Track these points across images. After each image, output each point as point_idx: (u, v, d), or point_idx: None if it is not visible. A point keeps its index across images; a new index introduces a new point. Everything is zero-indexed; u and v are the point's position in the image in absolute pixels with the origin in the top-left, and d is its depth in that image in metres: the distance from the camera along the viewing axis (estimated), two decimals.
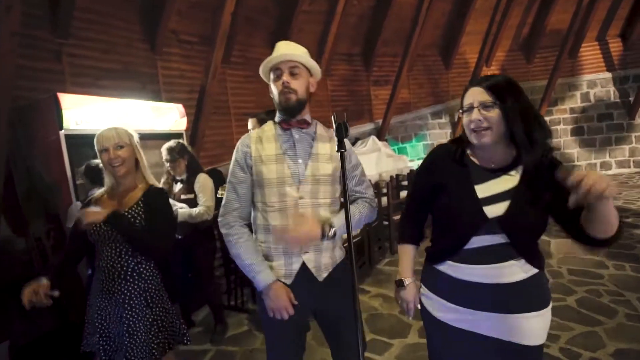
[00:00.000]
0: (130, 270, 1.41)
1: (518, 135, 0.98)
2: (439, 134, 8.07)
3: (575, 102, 8.13)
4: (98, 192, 1.52)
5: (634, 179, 7.13)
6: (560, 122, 8.22)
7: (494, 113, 0.98)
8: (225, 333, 2.82)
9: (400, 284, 1.21)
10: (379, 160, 5.79)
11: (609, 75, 7.93)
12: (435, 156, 1.16)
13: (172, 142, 2.48)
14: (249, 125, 2.43)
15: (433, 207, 1.13)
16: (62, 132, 2.39)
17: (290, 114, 1.28)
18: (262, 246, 1.31)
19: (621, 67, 7.86)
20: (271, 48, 1.31)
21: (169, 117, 3.31)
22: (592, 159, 8.14)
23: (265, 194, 1.27)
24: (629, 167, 7.97)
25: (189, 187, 2.51)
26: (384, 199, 4.41)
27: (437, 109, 8.04)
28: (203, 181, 2.53)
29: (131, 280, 1.41)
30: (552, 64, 7.66)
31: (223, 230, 1.29)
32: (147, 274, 1.45)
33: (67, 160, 2.40)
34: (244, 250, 1.25)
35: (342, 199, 1.29)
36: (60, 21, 3.36)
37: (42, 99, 2.53)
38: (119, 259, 1.40)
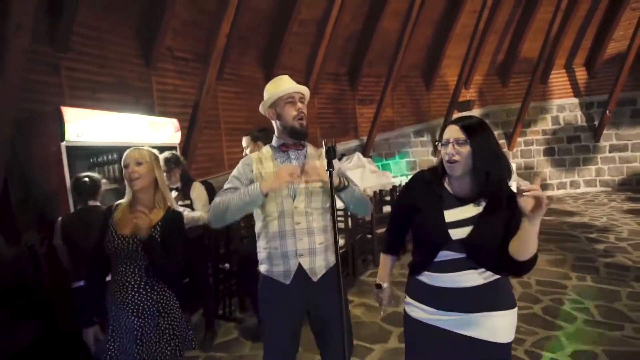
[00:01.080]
0: (143, 283, 1.48)
1: (477, 170, 1.16)
2: (421, 152, 8.43)
3: (547, 124, 8.68)
4: (118, 203, 1.58)
5: (599, 198, 7.62)
6: (533, 142, 8.73)
7: (465, 149, 1.16)
8: (214, 340, 2.92)
9: (378, 287, 1.43)
10: (364, 176, 6.02)
11: (576, 100, 8.54)
12: (415, 181, 1.37)
13: (167, 154, 2.64)
14: (244, 143, 2.62)
15: (411, 224, 1.32)
16: (63, 144, 2.50)
17: (301, 137, 1.49)
18: (264, 251, 1.49)
19: (587, 94, 8.49)
20: (262, 67, 1.54)
21: (164, 131, 3.45)
22: (562, 177, 8.65)
23: (266, 204, 1.45)
24: (596, 186, 8.50)
25: (185, 194, 2.68)
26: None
27: (419, 128, 8.42)
28: (199, 189, 2.75)
29: (144, 292, 1.48)
30: (525, 88, 8.21)
31: (211, 217, 1.44)
32: (160, 286, 1.52)
33: (67, 170, 2.51)
34: (229, 196, 1.40)
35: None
36: (60, 35, 3.49)
37: (46, 112, 2.64)
38: (133, 274, 1.48)
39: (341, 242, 3.88)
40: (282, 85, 1.48)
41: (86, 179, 2.24)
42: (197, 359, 2.68)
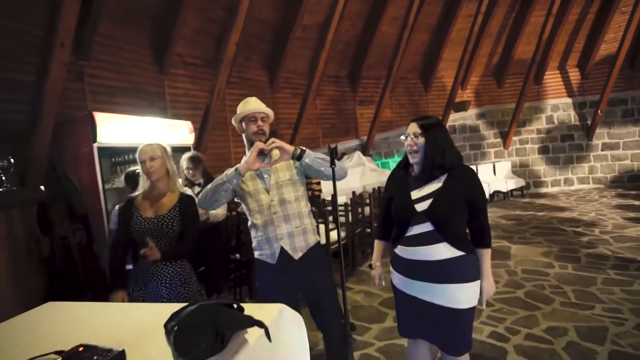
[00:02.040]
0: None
1: (428, 157, 1.47)
2: None
3: (541, 123, 8.96)
4: (136, 194, 1.89)
5: (591, 194, 7.91)
6: (528, 141, 9.02)
7: (420, 140, 1.48)
8: None
9: (371, 267, 1.75)
10: (363, 174, 6.34)
11: (569, 100, 8.83)
12: (390, 177, 1.71)
13: (192, 153, 2.97)
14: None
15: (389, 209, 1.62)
16: (95, 145, 2.82)
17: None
18: (255, 240, 1.80)
19: (580, 94, 8.77)
20: (266, 70, 1.85)
21: (180, 132, 3.77)
22: (556, 175, 8.94)
23: (248, 202, 1.78)
24: (589, 183, 8.79)
25: None
26: (367, 209, 4.93)
27: None
28: None
29: (170, 265, 1.78)
30: (520, 89, 8.50)
31: (200, 198, 1.74)
32: (180, 260, 1.82)
33: (99, 168, 2.83)
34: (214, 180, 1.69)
35: (308, 196, 1.82)
36: (83, 45, 3.81)
37: (79, 117, 2.96)
38: (159, 250, 1.75)
39: (342, 234, 4.20)
40: (248, 106, 1.79)
41: (138, 172, 2.56)
42: None
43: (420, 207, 1.47)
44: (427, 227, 1.45)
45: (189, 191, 1.95)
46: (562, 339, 2.47)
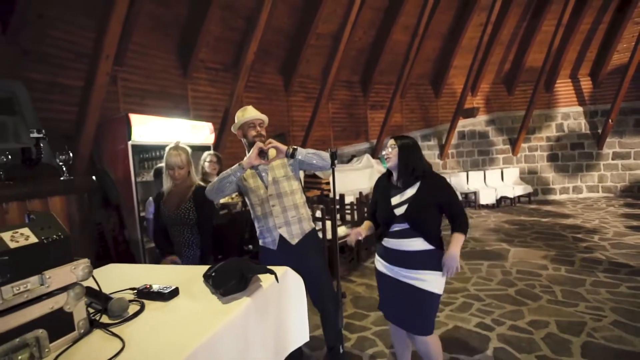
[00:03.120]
0: (190, 241, 2.18)
1: (400, 165, 1.83)
2: (428, 155, 8.94)
3: (551, 131, 9.05)
4: (164, 189, 2.25)
5: (599, 203, 7.96)
6: (537, 148, 9.11)
7: (394, 151, 1.83)
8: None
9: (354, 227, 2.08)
10: (372, 176, 6.62)
11: (580, 109, 8.89)
12: (376, 184, 2.07)
13: (215, 152, 3.35)
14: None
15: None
16: (129, 143, 3.21)
17: (260, 153, 2.06)
18: (258, 229, 2.11)
19: (591, 103, 8.82)
20: (281, 75, 2.21)
21: (202, 133, 4.14)
22: (565, 183, 9.00)
23: (250, 197, 2.08)
24: (598, 192, 8.82)
25: None
26: None
27: (426, 132, 8.94)
28: None
29: (192, 247, 2.18)
30: (530, 96, 8.62)
31: (208, 190, 2.02)
32: (199, 243, 2.21)
33: (132, 164, 3.22)
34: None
35: (302, 189, 2.14)
36: (119, 52, 4.22)
37: (116, 118, 3.36)
38: (182, 236, 2.17)
39: (348, 231, 4.50)
40: (246, 114, 2.05)
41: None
42: None
43: (399, 211, 1.82)
44: (405, 225, 1.81)
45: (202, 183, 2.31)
46: (542, 330, 2.71)
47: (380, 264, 1.94)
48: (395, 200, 1.84)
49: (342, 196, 4.89)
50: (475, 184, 8.55)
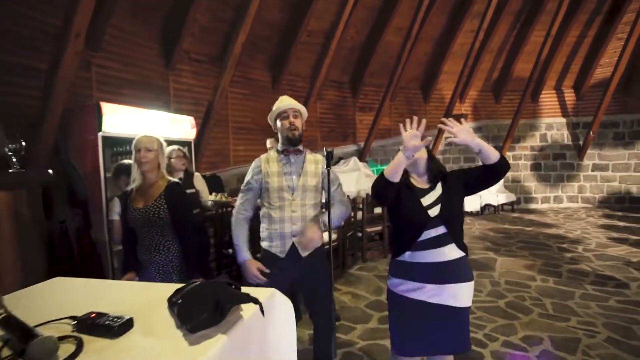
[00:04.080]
0: (161, 245, 1.90)
1: (433, 167, 1.67)
2: None
3: (535, 141, 9.16)
4: (132, 186, 1.97)
5: (578, 213, 8.10)
6: (521, 157, 9.21)
7: (424, 152, 1.67)
8: None
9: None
10: (359, 179, 6.45)
11: (563, 120, 9.04)
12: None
13: (184, 149, 3.11)
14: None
15: (394, 216, 1.70)
16: (100, 134, 2.91)
17: (294, 144, 1.93)
18: (266, 231, 1.93)
19: (574, 114, 8.99)
20: (270, 71, 1.98)
21: (182, 127, 3.86)
22: (547, 192, 9.13)
23: (270, 197, 1.90)
24: (577, 202, 8.99)
25: (189, 183, 3.11)
26: (360, 214, 5.04)
27: None
28: (202, 180, 3.25)
29: (163, 253, 1.90)
30: (517, 105, 8.69)
31: (233, 217, 1.93)
32: (174, 248, 1.93)
33: (102, 157, 2.92)
34: (240, 233, 1.89)
35: (323, 202, 1.97)
36: (95, 36, 3.89)
37: (86, 105, 3.05)
38: (152, 239, 1.90)
39: (334, 236, 4.31)
40: (280, 103, 1.93)
41: (129, 164, 2.66)
42: None
43: (433, 212, 1.59)
44: (439, 230, 1.57)
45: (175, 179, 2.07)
46: (537, 347, 2.59)
47: (400, 286, 1.61)
48: (425, 201, 1.62)
49: (328, 201, 4.70)
50: None
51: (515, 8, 7.62)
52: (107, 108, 2.95)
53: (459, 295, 1.56)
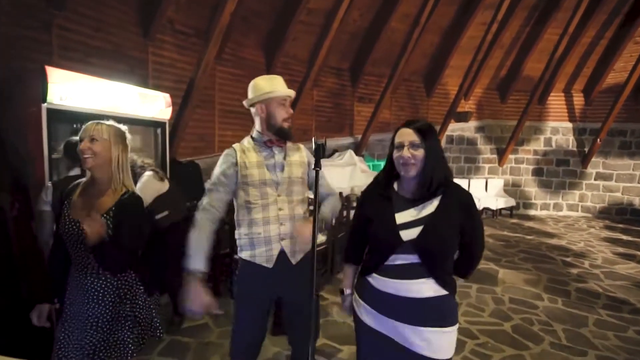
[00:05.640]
0: (102, 269, 1.38)
1: (426, 171, 1.18)
2: None
3: (539, 145, 8.78)
4: (78, 182, 1.47)
5: (579, 222, 7.78)
6: (524, 161, 8.84)
7: (419, 152, 1.18)
8: (182, 323, 2.87)
9: (341, 292, 1.47)
10: (353, 174, 5.99)
11: (570, 125, 8.66)
12: (365, 194, 1.39)
13: (156, 169, 2.59)
14: None
15: (367, 233, 1.32)
16: (44, 105, 2.39)
17: (287, 138, 1.57)
18: (245, 238, 1.53)
19: (581, 120, 8.61)
20: (264, 51, 1.51)
21: (155, 105, 3.33)
22: (547, 199, 8.80)
23: (250, 193, 1.50)
24: (577, 211, 8.68)
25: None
26: (352, 212, 4.60)
27: None
28: (153, 182, 2.60)
29: (104, 278, 1.39)
30: (523, 106, 8.28)
31: (197, 215, 1.50)
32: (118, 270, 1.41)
33: (46, 134, 2.40)
34: (200, 236, 1.44)
35: (310, 199, 1.63)
36: None
37: (30, 70, 2.51)
38: (88, 260, 1.37)
39: (323, 239, 3.86)
40: (278, 86, 1.55)
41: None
42: (162, 342, 2.63)
43: (408, 234, 1.18)
44: (412, 258, 1.18)
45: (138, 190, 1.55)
46: None
47: (364, 312, 1.29)
48: (403, 218, 1.21)
49: (315, 197, 4.21)
50: None
51: (530, 2, 7.12)
52: (55, 74, 2.42)
53: (433, 343, 1.18)
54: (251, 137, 1.60)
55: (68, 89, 2.52)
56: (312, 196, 1.24)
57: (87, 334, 1.37)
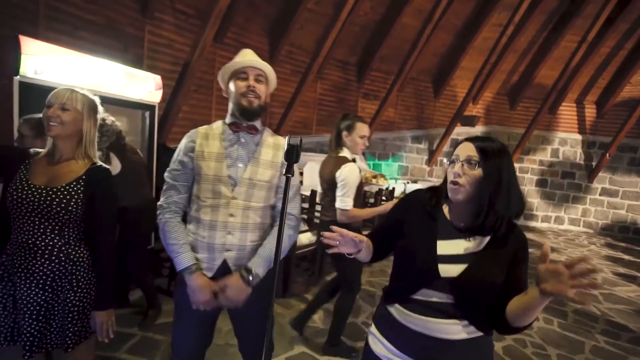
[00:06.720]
0: (56, 250, 1.26)
1: (482, 199, 0.97)
2: (416, 159, 8.24)
3: (546, 155, 8.55)
4: (39, 150, 1.35)
5: (580, 238, 7.59)
6: (528, 171, 8.62)
7: (473, 172, 0.97)
8: (156, 319, 2.72)
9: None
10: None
11: (579, 137, 8.41)
12: (412, 198, 1.17)
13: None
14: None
15: (395, 244, 1.12)
16: (16, 78, 2.20)
17: (249, 118, 1.32)
18: (191, 236, 1.33)
19: (591, 132, 8.36)
20: (268, 37, 1.32)
21: (144, 86, 3.14)
22: (549, 211, 8.59)
23: (201, 189, 1.30)
24: (579, 226, 8.48)
25: None
26: None
27: (418, 134, 8.20)
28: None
29: (57, 261, 1.26)
30: (532, 114, 8.03)
31: (160, 217, 1.33)
32: (77, 255, 1.29)
33: (17, 109, 2.22)
34: (177, 232, 1.30)
35: (273, 209, 1.41)
36: None
37: (2, 39, 2.32)
38: (43, 237, 1.25)
39: (313, 238, 3.69)
40: (239, 57, 1.33)
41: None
42: (133, 337, 2.49)
43: (447, 270, 0.99)
44: (446, 298, 0.99)
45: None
46: None
47: (382, 346, 1.09)
48: (445, 248, 1.02)
49: (313, 193, 4.01)
50: None
51: (549, 7, 6.83)
52: (31, 45, 2.23)
53: None
54: (223, 121, 1.39)
55: (45, 62, 2.33)
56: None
57: (33, 324, 1.25)
